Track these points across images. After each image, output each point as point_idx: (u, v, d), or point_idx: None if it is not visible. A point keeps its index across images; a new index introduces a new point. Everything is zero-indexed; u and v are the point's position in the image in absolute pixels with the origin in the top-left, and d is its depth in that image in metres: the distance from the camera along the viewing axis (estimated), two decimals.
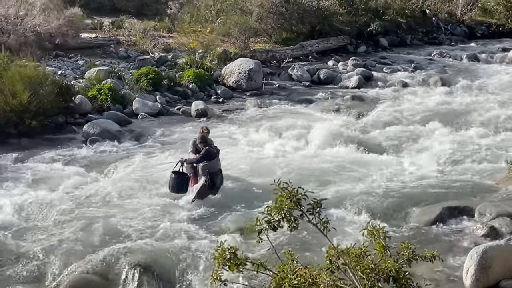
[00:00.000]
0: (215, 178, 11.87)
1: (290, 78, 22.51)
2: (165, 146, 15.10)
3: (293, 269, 4.46)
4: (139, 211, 11.23)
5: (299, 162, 13.79)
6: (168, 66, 21.57)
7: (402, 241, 5.20)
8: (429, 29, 32.02)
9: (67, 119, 16.68)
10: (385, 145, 14.96)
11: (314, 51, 26.15)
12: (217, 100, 19.61)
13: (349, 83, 21.63)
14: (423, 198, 11.69)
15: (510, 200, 11.61)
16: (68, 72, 19.70)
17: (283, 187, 4.62)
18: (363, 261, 4.52)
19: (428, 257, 4.87)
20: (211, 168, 11.82)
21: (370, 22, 28.61)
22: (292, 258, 4.64)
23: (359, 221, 10.59)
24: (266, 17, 26.31)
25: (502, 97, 19.04)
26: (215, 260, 4.74)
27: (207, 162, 11.80)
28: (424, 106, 18.19)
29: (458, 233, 10.50)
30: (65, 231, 10.42)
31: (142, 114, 17.48)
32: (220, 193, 11.92)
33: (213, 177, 11.81)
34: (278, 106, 18.94)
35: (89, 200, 11.76)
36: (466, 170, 13.20)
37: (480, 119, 16.51)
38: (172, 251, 9.73)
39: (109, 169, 13.42)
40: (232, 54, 22.74)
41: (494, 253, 8.77)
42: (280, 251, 4.93)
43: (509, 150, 14.07)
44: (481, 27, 33.15)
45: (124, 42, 23.88)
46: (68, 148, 14.81)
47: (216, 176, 11.90)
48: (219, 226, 10.69)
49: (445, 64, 25.32)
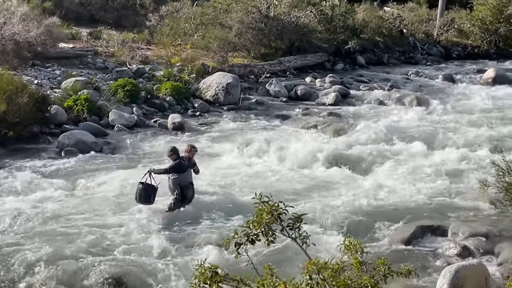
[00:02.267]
0: (186, 190, 11.88)
1: (268, 94, 22.57)
2: (140, 158, 15.04)
3: (273, 284, 4.45)
4: (112, 223, 11.16)
5: (273, 178, 13.80)
6: (146, 78, 21.50)
7: (377, 258, 5.22)
8: (406, 48, 32.40)
9: (42, 129, 16.51)
10: (361, 162, 15.01)
11: (292, 67, 26.27)
12: (194, 113, 19.58)
13: (326, 100, 21.74)
14: (397, 216, 11.77)
15: (483, 219, 11.75)
16: (45, 82, 19.52)
17: (264, 201, 4.62)
18: (339, 277, 4.52)
19: (404, 273, 4.89)
20: (181, 181, 11.84)
21: (348, 40, 28.87)
22: (272, 273, 4.63)
23: (333, 238, 10.62)
24: (245, 32, 26.40)
25: (476, 117, 19.27)
26: (195, 279, 4.72)
27: (178, 175, 11.81)
28: (400, 125, 18.33)
29: (431, 252, 10.59)
30: (35, 243, 10.29)
31: (118, 126, 17.38)
32: (192, 206, 11.88)
33: (184, 190, 11.83)
34: (255, 121, 18.97)
35: (61, 212, 11.61)
36: (440, 189, 13.30)
37: (455, 139, 16.67)
38: (144, 264, 9.68)
39: (83, 181, 13.31)
40: (210, 68, 22.74)
41: (467, 272, 8.84)
42: (258, 266, 4.92)
43: (482, 170, 14.21)
44: (457, 48, 33.64)
45: (102, 53, 23.75)
46: (42, 159, 14.66)
47: (187, 188, 11.90)
48: (192, 240, 10.65)
49: (421, 83, 25.60)
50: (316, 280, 4.51)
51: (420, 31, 33.78)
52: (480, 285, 8.91)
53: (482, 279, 8.97)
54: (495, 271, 9.72)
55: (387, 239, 10.98)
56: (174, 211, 11.68)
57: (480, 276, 8.98)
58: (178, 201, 11.77)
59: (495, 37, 32.68)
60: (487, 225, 11.37)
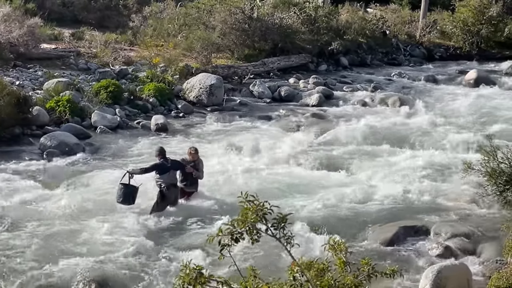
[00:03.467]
0: (167, 192, 11.77)
1: (251, 95, 22.58)
2: (123, 160, 14.93)
3: (256, 286, 4.44)
4: (94, 225, 11.08)
5: (256, 178, 13.77)
6: (129, 79, 21.39)
7: (361, 258, 5.23)
8: (389, 49, 32.56)
9: (23, 130, 16.32)
10: (344, 163, 15.07)
11: (276, 68, 26.30)
12: (177, 114, 19.53)
13: (309, 101, 21.79)
14: (380, 217, 11.85)
15: (465, 220, 11.85)
16: (26, 83, 19.35)
17: (249, 200, 4.61)
18: (323, 278, 4.52)
19: (389, 273, 4.90)
20: (163, 182, 11.78)
21: (332, 41, 28.94)
22: (255, 275, 4.62)
23: (316, 238, 10.63)
24: (229, 33, 26.40)
25: (459, 118, 19.43)
26: (179, 279, 4.70)
27: (159, 176, 11.79)
28: (383, 125, 18.41)
29: (414, 252, 10.65)
30: (16, 246, 10.18)
31: (101, 127, 17.27)
32: (176, 207, 11.87)
33: (164, 192, 11.74)
34: (238, 122, 18.95)
35: (42, 214, 11.52)
36: (422, 190, 13.36)
37: (437, 140, 16.80)
38: (128, 267, 9.63)
39: (66, 183, 13.19)
40: (194, 69, 22.69)
41: (449, 273, 8.90)
42: (242, 267, 4.91)
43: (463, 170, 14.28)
44: (440, 49, 33.88)
45: (85, 54, 23.62)
46: (24, 160, 14.50)
47: (168, 190, 11.80)
48: (176, 242, 10.64)
49: (404, 84, 25.74)
50: (299, 281, 4.51)
51: (402, 32, 33.97)
52: (462, 285, 8.97)
53: (464, 279, 9.03)
54: (477, 271, 9.78)
55: (370, 239, 11.02)
56: (156, 212, 11.60)
57: (462, 276, 9.05)
58: (157, 202, 11.71)
59: (477, 38, 32.98)
60: (469, 225, 11.48)
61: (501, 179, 9.95)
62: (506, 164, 9.98)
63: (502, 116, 19.67)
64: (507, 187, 9.95)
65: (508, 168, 9.94)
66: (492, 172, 9.97)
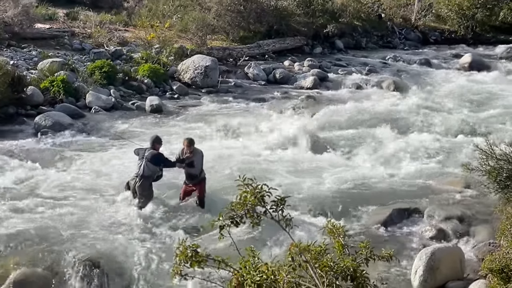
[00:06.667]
0: (130, 181, 11.26)
1: (246, 77, 22.56)
2: (117, 140, 14.92)
3: (255, 266, 4.48)
4: (89, 206, 11.09)
5: (251, 161, 13.79)
6: (124, 60, 21.35)
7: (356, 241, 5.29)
8: (384, 33, 32.53)
9: (18, 110, 16.32)
10: (338, 146, 15.12)
11: (271, 50, 26.26)
12: (172, 96, 19.50)
13: (304, 84, 21.80)
14: (373, 199, 11.91)
15: (458, 202, 11.94)
16: (21, 63, 19.28)
17: (247, 183, 4.64)
18: (322, 259, 4.57)
19: (386, 257, 4.95)
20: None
21: (327, 24, 28.91)
22: (254, 255, 4.66)
23: (310, 220, 10.72)
24: (224, 14, 26.31)
25: (453, 102, 19.47)
26: (176, 257, 4.73)
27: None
28: (377, 108, 18.44)
29: (407, 234, 10.74)
30: (11, 224, 10.20)
31: (96, 107, 17.24)
32: (176, 188, 11.70)
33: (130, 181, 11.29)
34: (233, 104, 18.96)
35: (36, 194, 11.54)
36: (416, 173, 13.45)
37: (431, 123, 16.84)
38: (121, 246, 9.65)
39: (60, 163, 13.21)
40: (189, 51, 22.64)
41: (442, 255, 9.00)
42: (240, 248, 4.95)
43: (459, 153, 14.39)
44: (435, 33, 33.84)
45: (79, 34, 23.50)
46: (18, 140, 14.49)
47: (133, 180, 11.18)
48: (173, 223, 10.64)
49: (398, 68, 25.72)
50: (298, 261, 4.56)
51: (398, 16, 33.90)
52: (455, 267, 9.07)
53: (457, 261, 9.13)
54: (470, 253, 9.89)
55: (363, 222, 11.11)
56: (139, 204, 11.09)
57: (455, 258, 9.15)
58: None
59: (472, 22, 32.96)
60: (462, 208, 11.56)
61: (501, 176, 9.98)
62: (505, 161, 9.99)
63: (495, 100, 19.72)
64: (508, 183, 9.98)
65: (507, 164, 9.95)
66: (492, 170, 9.99)
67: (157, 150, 11.19)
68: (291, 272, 4.47)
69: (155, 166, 11.06)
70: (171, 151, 12.47)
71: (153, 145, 11.21)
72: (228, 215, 4.61)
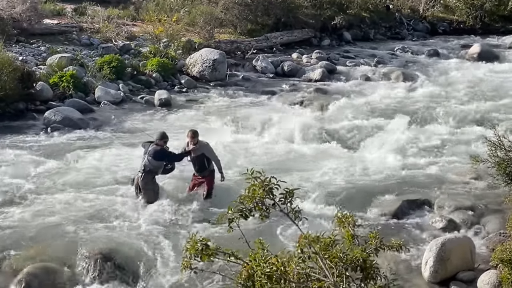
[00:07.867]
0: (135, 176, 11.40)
1: (254, 70, 22.54)
2: (127, 135, 14.99)
3: (265, 258, 4.49)
4: (99, 200, 11.14)
5: (261, 154, 13.82)
6: (132, 54, 21.37)
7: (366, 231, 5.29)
8: (392, 24, 32.36)
9: (27, 105, 16.40)
10: (348, 138, 15.12)
11: (279, 43, 26.20)
12: (180, 90, 19.53)
13: (312, 76, 21.76)
14: (384, 190, 11.88)
15: (468, 193, 11.90)
16: (29, 58, 19.35)
17: (256, 176, 4.64)
18: (332, 250, 4.58)
19: (395, 247, 4.96)
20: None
21: (335, 16, 28.79)
22: (263, 247, 4.68)
23: (319, 212, 10.72)
24: (231, 7, 26.27)
25: (462, 93, 19.37)
26: (186, 251, 4.74)
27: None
28: (386, 100, 18.40)
29: (417, 225, 10.71)
30: (22, 219, 10.28)
31: (105, 102, 17.30)
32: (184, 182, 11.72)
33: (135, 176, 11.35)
34: (241, 97, 18.96)
35: (48, 188, 11.61)
36: (426, 164, 13.44)
37: (441, 114, 16.77)
38: (133, 240, 9.70)
39: (70, 157, 13.26)
40: (197, 44, 22.64)
41: (452, 245, 8.98)
42: (249, 241, 4.96)
43: (468, 144, 14.35)
44: (443, 24, 33.67)
45: (87, 29, 23.53)
46: (28, 135, 14.58)
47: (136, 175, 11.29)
48: (184, 217, 10.65)
49: (407, 59, 25.64)
50: (308, 253, 4.57)
51: (406, 6, 33.73)
52: (466, 257, 9.06)
53: (468, 252, 9.12)
54: (481, 244, 9.86)
55: (373, 213, 11.09)
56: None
57: (465, 249, 9.13)
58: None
59: (481, 12, 32.75)
60: (473, 198, 11.53)
61: (511, 167, 9.90)
62: None
63: (505, 91, 19.60)
64: None
65: None
66: (501, 162, 9.92)
67: (161, 146, 11.16)
68: (301, 263, 4.49)
69: (158, 162, 11.07)
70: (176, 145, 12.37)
71: (158, 141, 11.19)
72: (237, 208, 4.62)
